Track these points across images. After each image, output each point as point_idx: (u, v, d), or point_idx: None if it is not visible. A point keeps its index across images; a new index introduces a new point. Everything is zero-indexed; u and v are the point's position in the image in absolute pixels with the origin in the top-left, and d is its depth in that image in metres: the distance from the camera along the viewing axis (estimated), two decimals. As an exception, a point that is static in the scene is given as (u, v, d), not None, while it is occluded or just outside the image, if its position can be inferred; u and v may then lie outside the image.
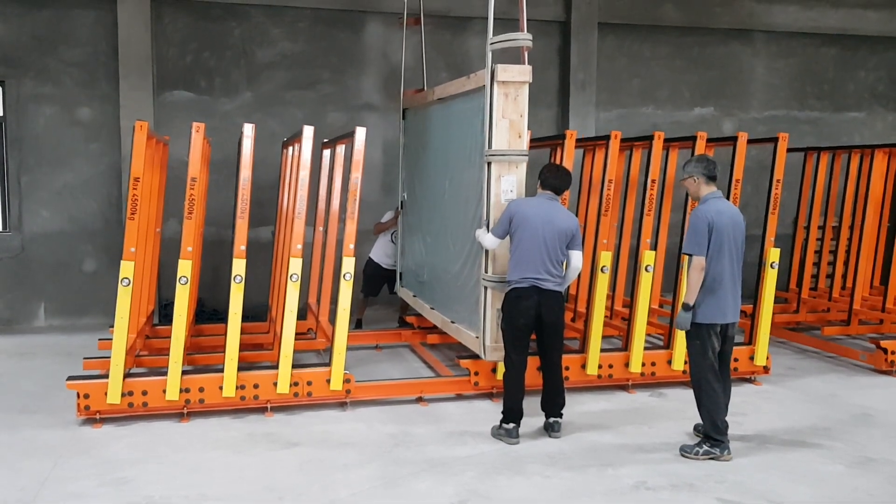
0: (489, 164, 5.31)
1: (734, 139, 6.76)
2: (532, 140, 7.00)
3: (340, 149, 7.34)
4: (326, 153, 7.74)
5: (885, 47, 11.25)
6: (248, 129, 5.75)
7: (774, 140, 6.85)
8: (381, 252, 8.40)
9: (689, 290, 4.79)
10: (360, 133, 5.76)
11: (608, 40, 10.18)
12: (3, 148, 8.66)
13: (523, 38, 5.09)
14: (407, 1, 8.12)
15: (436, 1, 9.07)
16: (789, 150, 7.24)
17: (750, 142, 6.95)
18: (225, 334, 5.57)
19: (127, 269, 5.28)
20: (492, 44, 5.18)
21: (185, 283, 5.43)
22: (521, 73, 5.14)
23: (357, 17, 9.39)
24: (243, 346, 5.87)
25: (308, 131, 5.78)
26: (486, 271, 5.45)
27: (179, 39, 8.91)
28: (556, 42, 10.05)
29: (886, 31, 11.11)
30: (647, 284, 6.38)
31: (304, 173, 5.75)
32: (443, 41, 9.52)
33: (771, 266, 6.53)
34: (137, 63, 8.57)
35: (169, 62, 8.89)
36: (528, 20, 5.35)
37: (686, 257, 4.91)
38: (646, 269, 6.35)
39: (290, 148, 7.04)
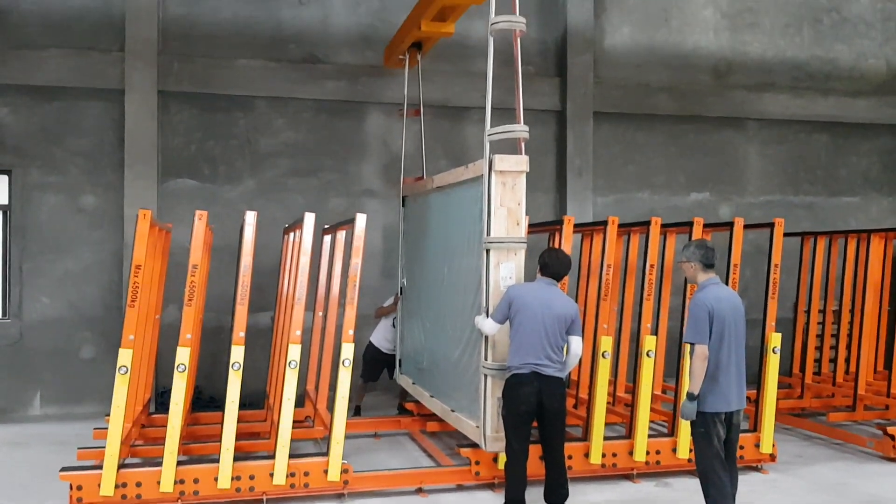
0: (488, 251, 5.35)
1: (731, 224, 6.82)
2: (531, 225, 7.08)
3: (341, 234, 7.40)
4: (327, 239, 7.81)
5: (875, 134, 11.49)
6: (250, 217, 5.82)
7: (771, 225, 6.91)
8: (381, 336, 8.37)
9: (692, 379, 4.72)
10: (361, 219, 5.83)
11: (603, 128, 10.40)
12: (6, 236, 8.74)
13: (520, 129, 5.21)
14: (407, 92, 8.33)
15: (435, 92, 9.31)
16: (786, 235, 7.30)
17: (746, 227, 7.01)
18: (222, 423, 5.50)
19: (125, 356, 5.26)
20: (489, 135, 5.30)
21: (184, 371, 5.39)
22: (518, 163, 5.24)
23: (359, 108, 9.61)
24: (240, 435, 5.78)
25: (309, 218, 5.85)
26: (486, 359, 5.42)
27: (185, 129, 9.11)
28: (553, 130, 10.26)
29: (875, 119, 11.37)
30: (649, 370, 6.33)
31: (305, 259, 5.79)
32: (442, 130, 9.72)
33: (773, 351, 6.50)
34: (143, 152, 8.73)
35: (174, 151, 9.06)
36: (525, 110, 5.48)
37: (688, 346, 4.87)
38: (647, 355, 6.32)
39: (292, 234, 7.11)
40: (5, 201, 8.75)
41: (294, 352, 5.58)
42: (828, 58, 11.34)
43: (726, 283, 5.94)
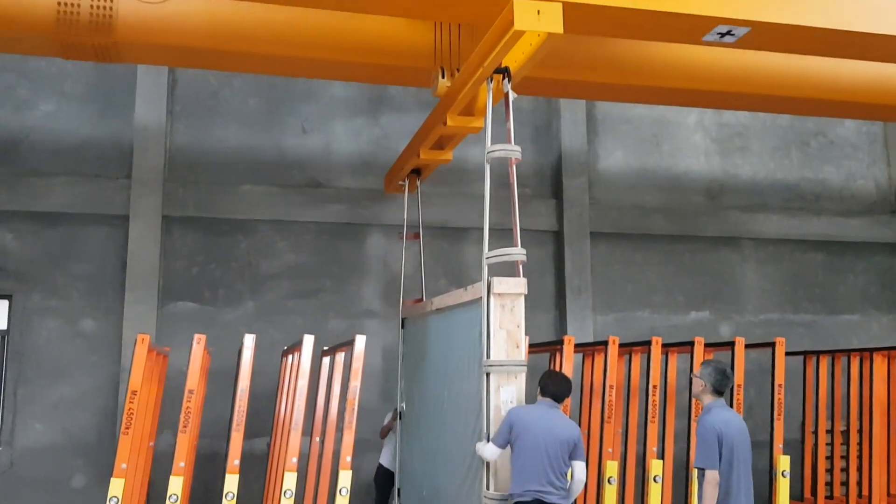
0: (488, 375, 5.30)
1: (732, 344, 6.81)
2: (531, 345, 7.05)
3: (340, 356, 7.35)
4: (326, 361, 7.75)
5: (869, 252, 11.60)
6: (249, 340, 5.82)
7: (772, 345, 6.90)
8: (390, 457, 8.10)
9: (704, 506, 4.60)
10: (360, 341, 5.82)
11: (601, 248, 10.52)
12: (3, 361, 8.68)
13: (517, 252, 5.27)
14: (406, 216, 8.48)
15: (434, 213, 9.47)
16: (788, 354, 7.28)
17: (748, 346, 7.01)
18: (214, 557, 5.30)
19: (116, 486, 5.13)
20: (487, 258, 5.36)
21: (176, 502, 5.24)
22: (517, 285, 5.27)
23: (359, 230, 9.76)
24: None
25: (308, 340, 5.85)
26: (488, 488, 5.27)
27: (187, 253, 9.21)
28: (551, 250, 10.38)
29: (868, 238, 11.50)
30: (656, 496, 6.16)
31: (303, 382, 5.74)
32: (441, 250, 9.83)
33: (782, 475, 6.35)
34: (144, 276, 8.80)
35: (175, 274, 9.13)
36: (522, 230, 5.56)
37: (697, 471, 4.77)
38: (654, 480, 6.16)
39: (290, 356, 7.06)
40: (4, 326, 8.74)
41: (290, 480, 5.45)
42: (817, 179, 11.61)
43: (730, 404, 5.88)
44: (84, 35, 6.26)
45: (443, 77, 6.61)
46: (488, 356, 5.29)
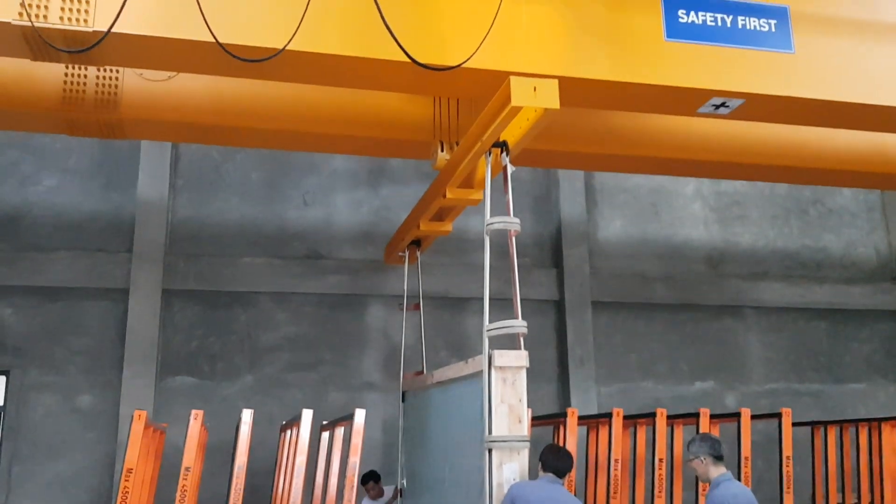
0: (490, 451, 5.20)
1: (738, 415, 6.71)
2: (534, 418, 6.94)
3: (339, 431, 7.24)
4: (325, 435, 7.63)
5: (873, 320, 11.53)
6: (247, 416, 5.73)
7: (778, 415, 6.80)
8: None
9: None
10: (360, 415, 5.73)
11: (603, 317, 10.47)
12: (-2, 437, 8.57)
13: (518, 325, 5.23)
14: (406, 287, 8.46)
15: (434, 284, 9.46)
16: (795, 425, 7.15)
17: (754, 417, 6.90)
18: None
19: (109, 570, 4.98)
20: (488, 330, 5.32)
21: (170, 585, 5.09)
22: (518, 358, 5.21)
23: (360, 301, 9.73)
24: None
25: (307, 415, 5.76)
26: (491, 567, 5.12)
27: (187, 326, 9.17)
28: (553, 319, 10.33)
29: (871, 305, 11.45)
30: (663, 575, 5.98)
31: (301, 458, 5.64)
32: (441, 321, 9.78)
33: (794, 552, 6.17)
34: (143, 350, 8.74)
35: (174, 348, 9.07)
36: (523, 300, 5.54)
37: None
38: (661, 558, 5.98)
39: (289, 431, 6.95)
40: (1, 402, 8.64)
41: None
42: (818, 247, 11.63)
43: (738, 477, 5.75)
44: (89, 112, 6.35)
45: (442, 150, 6.69)
46: (490, 432, 5.19)
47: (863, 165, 7.86)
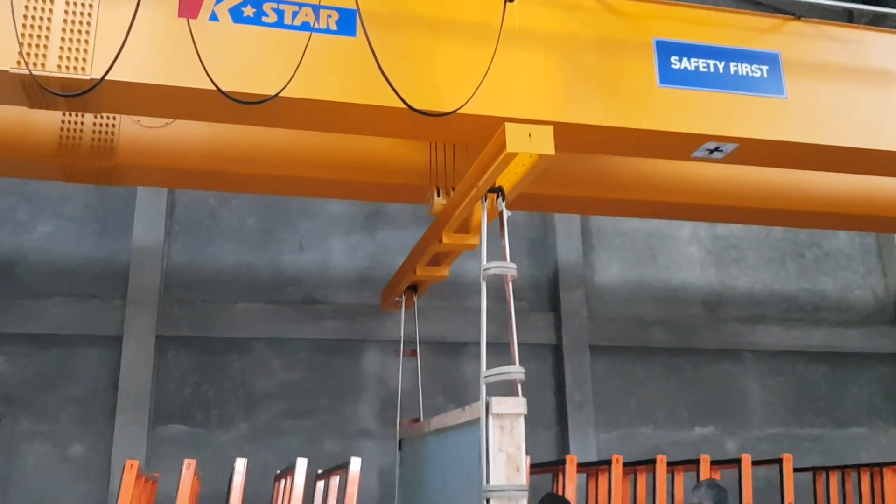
0: (488, 500, 5.11)
1: (738, 461, 6.63)
2: (532, 465, 6.85)
3: (334, 480, 7.12)
4: (320, 485, 7.50)
5: (872, 363, 11.47)
6: (240, 465, 5.64)
7: (779, 461, 6.72)
8: None
9: None
10: (355, 463, 5.64)
11: (601, 361, 10.40)
12: (-13, 488, 8.42)
13: (516, 371, 5.18)
14: (403, 332, 8.41)
15: (431, 328, 9.39)
16: (797, 470, 7.07)
17: (755, 463, 6.81)
18: None
19: None
20: (486, 377, 5.26)
21: None
22: (516, 405, 5.14)
23: (356, 346, 9.66)
24: None
25: (301, 464, 5.66)
26: None
27: (180, 373, 9.08)
28: (550, 364, 10.25)
29: (869, 349, 11.40)
30: None
31: (296, 511, 5.52)
32: (439, 366, 9.70)
33: None
34: (136, 398, 8.64)
35: (168, 396, 8.97)
36: (521, 344, 5.49)
37: None
38: None
39: (283, 481, 6.84)
40: (-9, 452, 8.53)
41: None
42: (815, 290, 11.62)
43: (740, 527, 5.65)
44: (86, 158, 6.37)
45: (438, 196, 6.70)
46: (488, 481, 5.11)
47: (857, 209, 7.89)
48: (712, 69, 5.82)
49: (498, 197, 5.57)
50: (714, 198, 7.66)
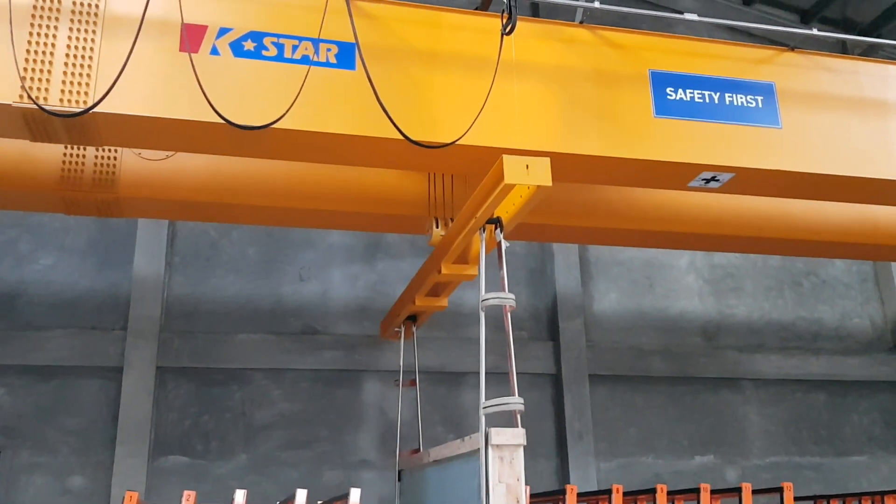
0: (488, 530, 5.10)
1: (739, 490, 6.61)
2: (532, 496, 6.81)
3: (335, 512, 7.08)
4: (320, 516, 7.46)
5: (871, 391, 11.45)
6: (240, 496, 5.60)
7: (780, 490, 6.70)
8: None
9: None
10: (355, 494, 5.59)
11: (600, 391, 10.39)
12: (-15, 521, 8.37)
13: (515, 402, 5.19)
14: (403, 362, 8.41)
15: (430, 358, 9.41)
16: (797, 500, 7.04)
17: (755, 492, 6.78)
18: None
19: None
20: (485, 408, 5.27)
21: None
22: (515, 436, 5.15)
23: (355, 376, 9.66)
24: None
25: (301, 495, 5.63)
26: None
27: (180, 405, 9.07)
28: (550, 393, 10.24)
29: (869, 377, 11.39)
30: None
31: (296, 543, 5.49)
32: (438, 396, 9.69)
33: None
34: (136, 429, 8.62)
35: (168, 427, 8.95)
36: (520, 373, 5.50)
37: None
38: None
39: (283, 513, 6.81)
40: (-11, 484, 8.49)
41: None
42: (813, 318, 11.64)
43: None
44: (87, 191, 6.43)
45: (437, 227, 6.76)
46: (488, 511, 5.10)
47: (853, 237, 7.94)
48: (707, 100, 5.90)
49: (496, 228, 5.63)
50: (711, 227, 7.71)
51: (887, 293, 12.01)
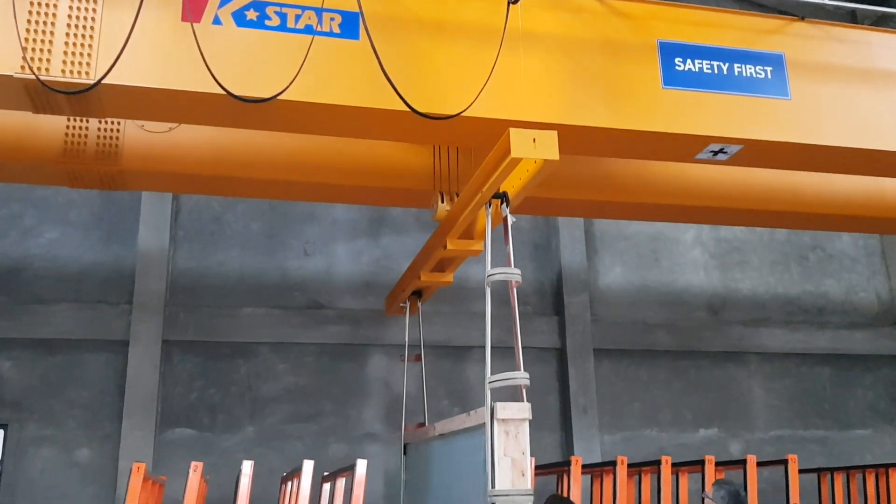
0: (493, 504, 5.11)
1: (743, 462, 6.63)
2: (537, 467, 6.86)
3: (340, 482, 7.12)
4: (326, 487, 7.50)
5: (876, 365, 11.45)
6: (247, 467, 5.65)
7: (784, 462, 6.71)
8: None
9: None
10: (361, 466, 5.64)
11: (605, 365, 10.40)
12: (-5, 494, 8.44)
13: (520, 376, 5.18)
14: (408, 337, 8.41)
15: (436, 333, 9.40)
16: (801, 472, 7.05)
17: (759, 464, 6.82)
18: None
19: None
20: (490, 382, 5.26)
21: None
22: (521, 410, 5.14)
23: (361, 350, 9.67)
24: None
25: (307, 466, 5.67)
26: None
27: (186, 378, 9.10)
28: (555, 367, 10.25)
29: (874, 350, 11.38)
30: None
31: (303, 514, 5.53)
32: (444, 370, 9.71)
33: None
34: (142, 402, 8.66)
35: (174, 400, 8.99)
36: (525, 348, 5.49)
37: None
38: None
39: (289, 483, 6.85)
40: (-2, 456, 8.56)
41: None
42: (819, 292, 11.60)
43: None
44: (90, 164, 6.39)
45: (442, 202, 6.70)
46: (493, 486, 5.10)
47: (861, 210, 7.88)
48: (716, 70, 5.82)
49: (502, 203, 5.57)
50: (718, 200, 7.66)
51: (894, 267, 11.96)
